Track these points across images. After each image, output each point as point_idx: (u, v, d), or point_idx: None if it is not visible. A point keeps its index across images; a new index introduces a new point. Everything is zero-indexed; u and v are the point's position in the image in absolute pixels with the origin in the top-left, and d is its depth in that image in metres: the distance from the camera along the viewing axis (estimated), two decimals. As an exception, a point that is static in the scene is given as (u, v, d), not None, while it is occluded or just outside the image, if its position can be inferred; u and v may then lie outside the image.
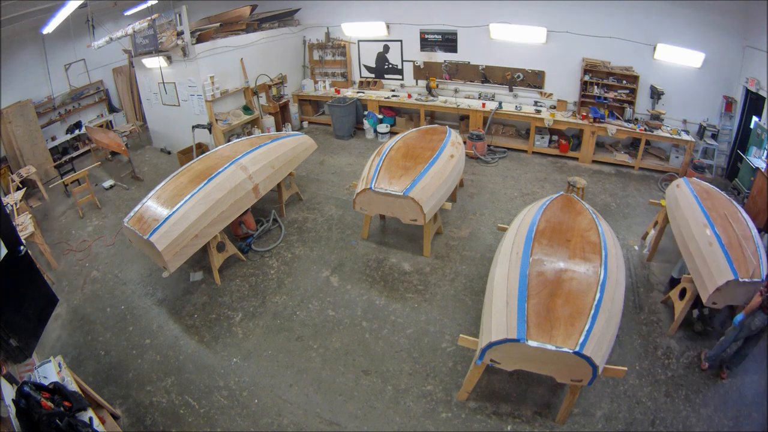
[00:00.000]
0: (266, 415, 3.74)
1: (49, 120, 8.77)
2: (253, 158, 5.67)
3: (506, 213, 6.45)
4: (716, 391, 3.76)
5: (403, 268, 5.40)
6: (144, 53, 8.16)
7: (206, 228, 4.83)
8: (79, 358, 4.40)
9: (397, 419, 3.65)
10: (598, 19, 7.49)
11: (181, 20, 7.40)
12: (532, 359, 3.11)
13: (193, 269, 5.52)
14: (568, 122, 7.93)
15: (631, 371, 3.90)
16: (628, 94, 7.69)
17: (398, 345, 4.34)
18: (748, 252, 3.75)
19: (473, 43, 8.72)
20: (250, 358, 4.28)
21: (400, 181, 5.03)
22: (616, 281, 3.53)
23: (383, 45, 9.70)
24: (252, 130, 9.07)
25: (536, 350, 2.97)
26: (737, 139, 7.07)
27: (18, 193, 6.64)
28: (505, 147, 8.60)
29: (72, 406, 2.95)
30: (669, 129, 7.42)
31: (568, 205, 4.55)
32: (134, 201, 6.67)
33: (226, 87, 8.50)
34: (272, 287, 5.22)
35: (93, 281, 5.56)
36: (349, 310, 4.81)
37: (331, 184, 7.52)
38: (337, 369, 4.12)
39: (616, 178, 7.50)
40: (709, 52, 6.91)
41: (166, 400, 3.90)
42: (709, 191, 4.76)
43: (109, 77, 10.02)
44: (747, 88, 6.59)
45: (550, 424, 3.53)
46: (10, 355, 3.10)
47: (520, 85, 8.70)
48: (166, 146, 9.37)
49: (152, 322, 4.81)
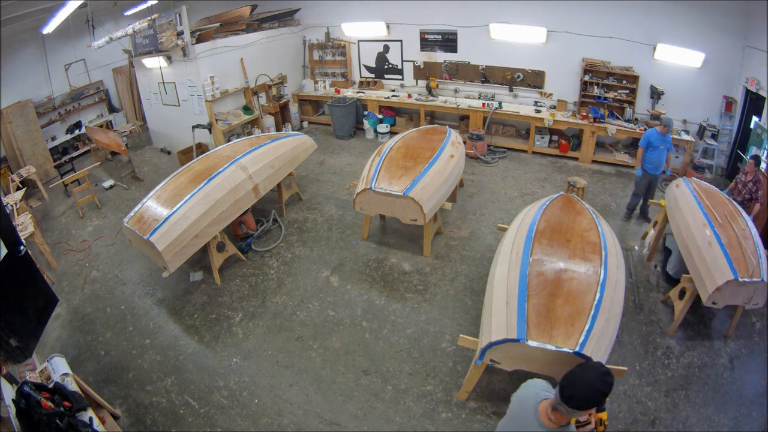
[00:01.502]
0: (266, 415, 3.74)
1: (49, 120, 8.77)
2: (253, 158, 5.67)
3: (506, 213, 6.45)
4: (716, 391, 3.75)
5: (403, 268, 5.40)
6: (144, 53, 8.16)
7: (206, 228, 4.83)
8: (79, 358, 4.39)
9: (397, 419, 3.65)
10: (598, 19, 7.49)
11: (181, 20, 7.40)
12: (532, 359, 3.10)
13: (193, 269, 5.52)
14: (568, 122, 7.93)
15: (631, 371, 3.90)
16: (628, 94, 7.69)
17: (398, 345, 4.34)
18: (747, 252, 3.75)
19: (473, 43, 8.72)
20: (250, 358, 4.28)
21: (400, 181, 5.02)
22: (616, 281, 3.53)
23: (383, 45, 9.70)
24: (252, 130, 9.07)
25: (536, 350, 2.97)
26: (737, 139, 7.07)
27: (18, 193, 6.64)
28: (505, 147, 8.60)
29: (72, 406, 2.95)
30: (669, 129, 7.41)
31: (568, 205, 4.55)
32: (134, 201, 6.66)
33: (226, 87, 8.50)
34: (272, 287, 5.22)
35: (93, 281, 5.56)
36: (349, 310, 4.81)
37: (331, 184, 7.52)
38: (337, 369, 4.12)
39: (616, 178, 7.49)
40: (709, 52, 6.91)
41: (166, 400, 3.90)
42: (709, 191, 4.76)
43: (109, 77, 10.02)
44: (747, 88, 6.59)
45: (550, 424, 3.53)
46: (10, 355, 3.09)
47: (520, 85, 8.70)
48: (166, 146, 9.37)
49: (152, 322, 4.81)
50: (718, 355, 4.09)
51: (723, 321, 4.43)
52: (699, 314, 4.45)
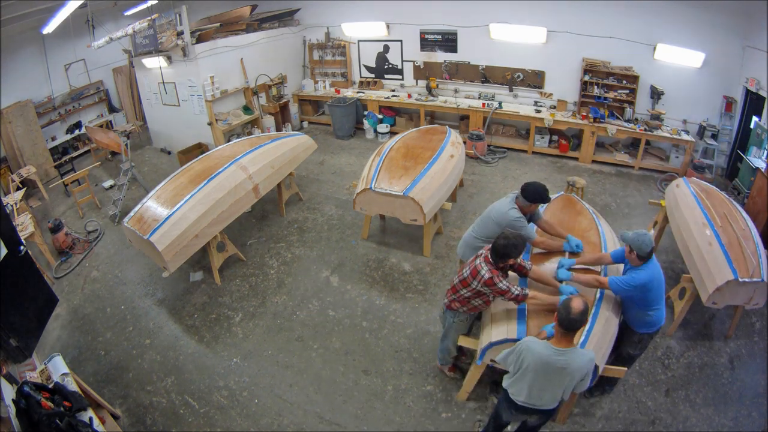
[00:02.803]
0: (266, 415, 3.74)
1: (49, 120, 8.77)
2: (253, 158, 5.67)
3: (506, 213, 6.44)
4: (716, 391, 3.76)
5: (403, 268, 5.40)
6: (144, 53, 8.16)
7: (206, 228, 4.83)
8: (79, 358, 4.40)
9: (397, 419, 3.65)
10: (598, 19, 7.49)
11: (181, 20, 7.40)
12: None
13: (193, 269, 5.52)
14: (568, 122, 7.93)
15: (631, 371, 3.89)
16: (628, 94, 7.69)
17: (398, 345, 4.34)
18: (748, 252, 3.75)
19: (473, 43, 8.71)
20: (250, 358, 4.28)
21: (400, 181, 5.03)
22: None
23: (383, 45, 9.69)
24: (252, 130, 9.07)
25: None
26: (737, 139, 7.06)
27: (18, 193, 6.64)
28: (505, 147, 8.60)
29: (72, 406, 2.95)
30: (669, 129, 7.41)
31: (568, 205, 4.55)
32: (134, 201, 6.66)
33: (226, 87, 8.49)
34: (272, 287, 5.22)
35: (93, 281, 5.56)
36: (349, 310, 4.81)
37: (331, 184, 7.52)
38: (337, 369, 4.12)
39: (616, 178, 7.49)
40: (709, 52, 6.90)
41: (166, 400, 3.90)
42: (709, 191, 4.76)
43: (109, 77, 10.02)
44: (747, 88, 6.59)
45: (550, 424, 3.52)
46: (10, 355, 3.09)
47: (520, 85, 8.69)
48: (166, 146, 9.37)
49: (152, 322, 4.81)
50: (718, 355, 4.09)
51: (723, 321, 4.43)
52: (699, 314, 4.45)
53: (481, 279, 3.01)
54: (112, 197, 7.03)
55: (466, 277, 3.14)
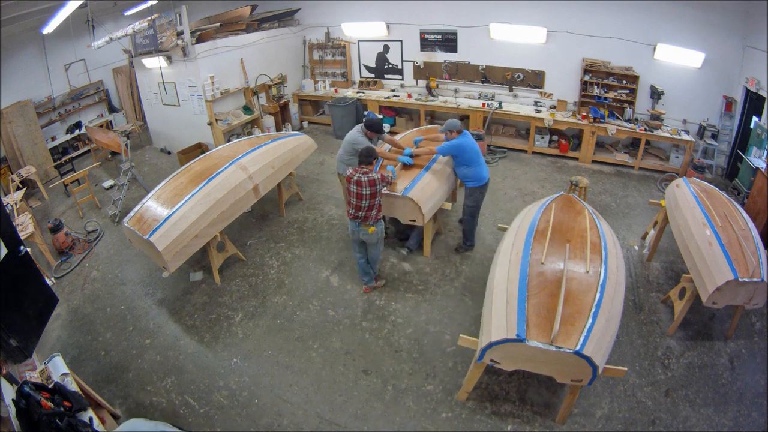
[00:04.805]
0: (266, 415, 3.74)
1: (49, 120, 8.78)
2: (253, 158, 5.67)
3: (506, 213, 6.45)
4: (716, 391, 3.76)
5: (403, 268, 5.40)
6: (144, 53, 8.16)
7: (206, 228, 4.83)
8: (79, 358, 4.40)
9: (397, 419, 3.65)
10: (598, 19, 7.49)
11: (181, 20, 7.40)
12: (532, 359, 3.10)
13: (193, 269, 5.52)
14: (568, 122, 7.93)
15: (631, 371, 3.90)
16: (628, 94, 7.69)
17: (398, 345, 4.34)
18: (748, 252, 3.75)
19: (473, 43, 8.72)
20: (250, 358, 4.28)
21: (399, 181, 5.02)
22: (616, 281, 3.53)
23: (383, 45, 9.70)
24: (252, 130, 9.07)
25: (536, 350, 2.97)
26: (737, 139, 7.07)
27: (18, 193, 6.65)
28: (505, 147, 8.60)
29: (72, 406, 2.95)
30: (669, 129, 7.42)
31: (568, 205, 4.54)
32: (134, 201, 6.66)
33: (226, 87, 8.50)
34: (272, 287, 5.22)
35: (93, 281, 5.56)
36: (349, 310, 4.81)
37: (331, 184, 7.52)
38: (337, 369, 4.12)
39: (616, 178, 7.50)
40: (709, 52, 6.91)
41: (166, 400, 3.90)
42: (709, 191, 4.76)
43: (109, 77, 10.03)
44: (747, 88, 6.59)
45: (550, 424, 3.53)
46: (10, 355, 3.10)
47: (520, 85, 8.70)
48: (166, 146, 9.38)
49: (152, 322, 4.81)
50: (718, 355, 4.09)
51: (723, 321, 4.43)
52: (699, 314, 4.46)
53: (377, 179, 4.23)
54: (112, 197, 7.04)
55: (371, 190, 4.23)
